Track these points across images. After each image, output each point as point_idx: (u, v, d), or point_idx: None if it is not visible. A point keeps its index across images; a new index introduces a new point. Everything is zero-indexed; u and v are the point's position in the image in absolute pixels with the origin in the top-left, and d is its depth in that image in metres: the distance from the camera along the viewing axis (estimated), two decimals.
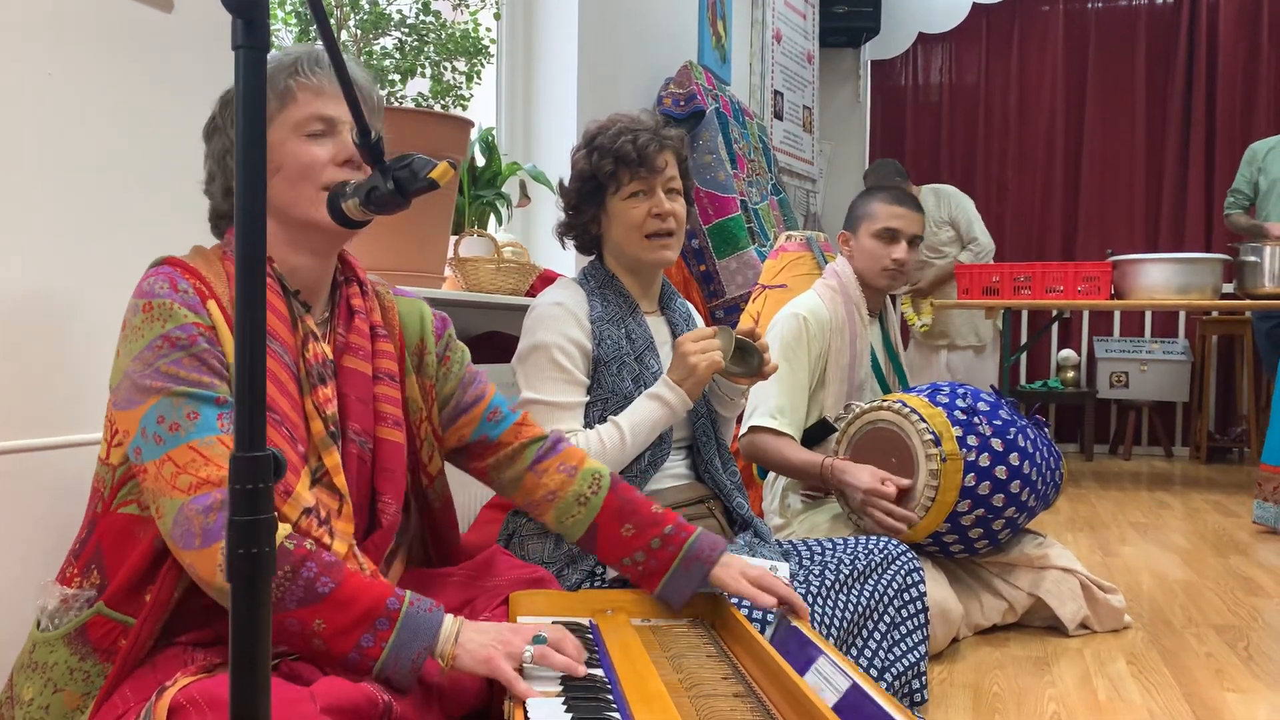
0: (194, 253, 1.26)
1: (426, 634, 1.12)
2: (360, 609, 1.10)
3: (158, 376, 1.13)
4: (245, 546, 0.71)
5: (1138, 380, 6.07)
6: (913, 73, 7.05)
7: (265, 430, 0.73)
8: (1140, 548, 3.51)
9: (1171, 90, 6.42)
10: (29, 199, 1.41)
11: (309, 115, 1.25)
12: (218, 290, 1.20)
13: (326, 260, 1.32)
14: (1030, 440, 2.32)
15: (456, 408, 1.47)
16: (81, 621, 1.15)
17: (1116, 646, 2.35)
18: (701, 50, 4.74)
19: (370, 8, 2.10)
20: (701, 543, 1.43)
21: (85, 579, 1.18)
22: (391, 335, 1.40)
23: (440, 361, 1.46)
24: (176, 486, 1.10)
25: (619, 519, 1.44)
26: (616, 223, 1.91)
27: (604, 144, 1.89)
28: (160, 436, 1.12)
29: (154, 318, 1.15)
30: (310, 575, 1.10)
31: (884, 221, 2.57)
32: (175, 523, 1.10)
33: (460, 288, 2.46)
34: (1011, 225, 6.70)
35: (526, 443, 1.49)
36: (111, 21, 1.53)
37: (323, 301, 1.34)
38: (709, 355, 1.82)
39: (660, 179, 1.89)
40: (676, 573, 1.41)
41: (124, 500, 1.18)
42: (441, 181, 1.03)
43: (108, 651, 1.14)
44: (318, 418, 1.25)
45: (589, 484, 1.46)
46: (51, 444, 1.44)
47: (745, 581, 1.39)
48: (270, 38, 0.73)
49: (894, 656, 1.80)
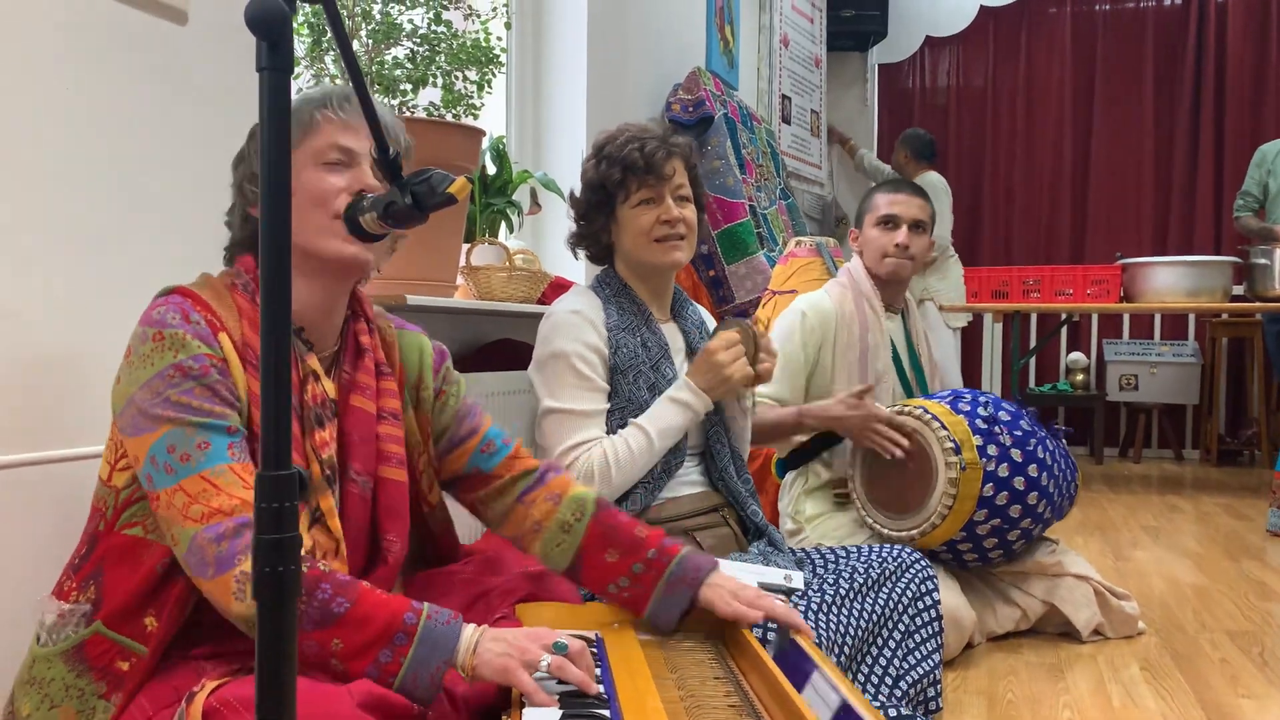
0: (203, 282, 1.26)
1: (445, 647, 1.11)
2: (377, 626, 1.10)
3: (169, 406, 1.13)
4: (272, 565, 0.72)
5: (1147, 383, 6.05)
6: (920, 76, 7.05)
7: (290, 449, 0.74)
8: (1152, 552, 3.50)
9: (1180, 92, 6.40)
10: (47, 211, 1.42)
11: (328, 144, 1.26)
12: (229, 324, 1.21)
13: (335, 295, 1.31)
14: (1049, 452, 2.32)
15: (450, 441, 1.46)
16: (80, 639, 1.16)
17: (1130, 652, 2.35)
18: (709, 56, 4.74)
19: (382, 18, 2.11)
20: (687, 565, 1.40)
21: (82, 594, 1.18)
22: (394, 371, 1.40)
23: (436, 396, 1.45)
24: (189, 516, 1.10)
25: (603, 545, 1.42)
26: (626, 230, 1.92)
27: (612, 153, 1.90)
28: (171, 466, 1.12)
29: (165, 347, 1.15)
30: (325, 596, 1.10)
31: (883, 209, 2.60)
32: (189, 551, 1.11)
33: (472, 296, 2.47)
34: (1020, 228, 6.69)
35: (518, 476, 1.48)
36: (127, 34, 1.54)
37: (331, 337, 1.34)
38: (741, 365, 1.83)
39: (668, 186, 1.90)
40: (660, 597, 1.39)
41: (129, 522, 1.18)
42: (459, 197, 1.03)
43: (103, 670, 1.15)
44: (315, 461, 1.25)
45: (572, 511, 1.44)
46: (58, 457, 1.44)
47: (737, 603, 1.36)
48: (294, 60, 0.74)
49: (908, 665, 1.80)
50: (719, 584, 1.40)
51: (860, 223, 2.67)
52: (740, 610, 1.36)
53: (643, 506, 1.85)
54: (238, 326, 1.21)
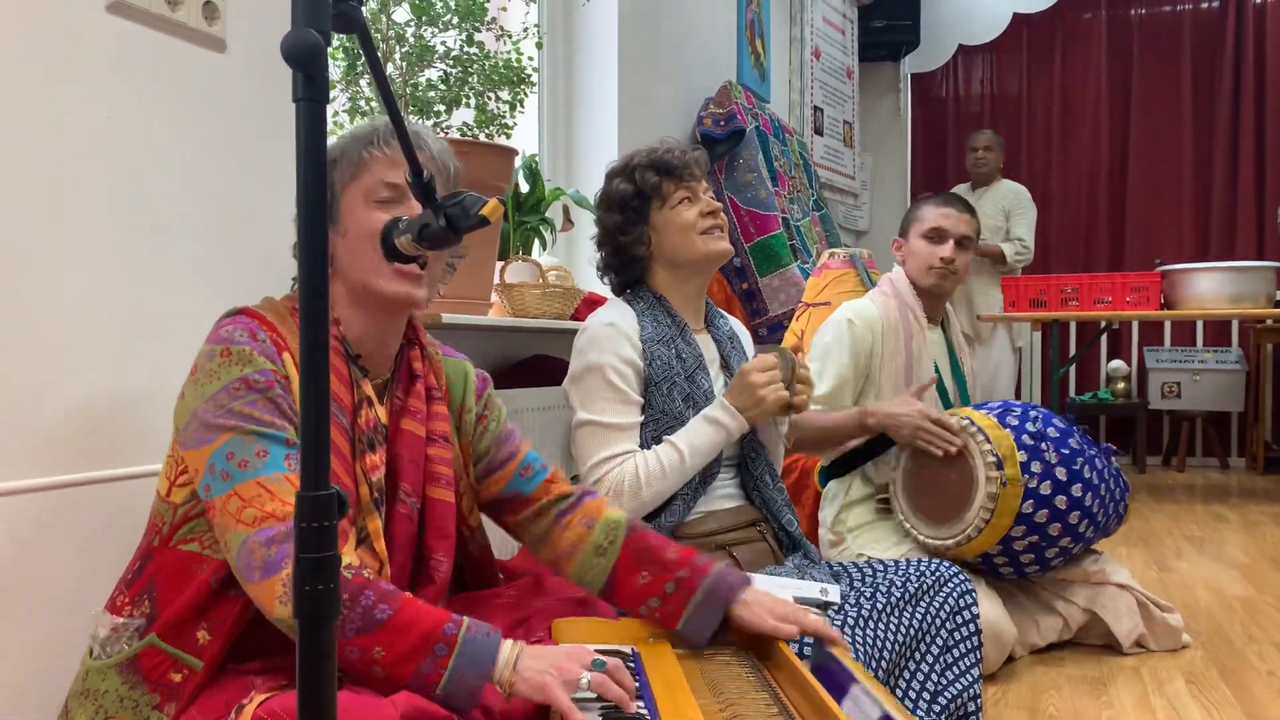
0: (266, 305, 1.31)
1: (485, 660, 1.13)
2: (418, 635, 1.12)
3: (230, 416, 1.17)
4: (311, 583, 0.73)
5: (1190, 390, 5.96)
6: (954, 85, 7.02)
7: (329, 469, 0.75)
8: (1197, 563, 3.45)
9: (1219, 96, 6.32)
10: (97, 240, 1.46)
11: (378, 182, 1.30)
12: (291, 345, 1.25)
13: (388, 327, 1.36)
14: (1097, 471, 2.30)
15: (490, 464, 1.50)
16: (135, 652, 1.19)
17: (1175, 665, 2.31)
18: (740, 69, 4.75)
19: (415, 41, 2.14)
20: (719, 583, 1.41)
21: (135, 608, 1.21)
22: (443, 396, 1.44)
23: (478, 420, 1.49)
24: (241, 520, 1.13)
25: (636, 567, 1.44)
26: (668, 230, 1.95)
27: (642, 163, 1.97)
28: (228, 473, 1.15)
29: (232, 362, 1.19)
30: (369, 603, 1.12)
31: (931, 222, 2.59)
32: (239, 555, 1.13)
33: (506, 313, 2.49)
34: (1057, 236, 6.63)
35: (555, 499, 1.51)
36: (167, 62, 1.58)
37: (386, 364, 1.38)
38: (776, 388, 1.85)
39: (700, 185, 1.98)
40: (691, 616, 1.40)
41: (185, 538, 1.21)
42: (492, 218, 1.05)
43: (156, 683, 1.18)
44: (365, 483, 1.28)
45: (606, 535, 1.47)
46: (110, 476, 1.48)
47: (771, 619, 1.37)
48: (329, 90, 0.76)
49: (947, 680, 1.78)
50: (752, 601, 1.40)
51: (906, 232, 2.66)
52: (775, 626, 1.36)
53: (680, 519, 1.86)
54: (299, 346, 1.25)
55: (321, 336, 0.75)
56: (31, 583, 1.37)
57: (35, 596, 1.38)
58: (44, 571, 1.39)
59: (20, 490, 1.36)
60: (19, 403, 1.36)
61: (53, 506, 1.40)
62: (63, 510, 1.41)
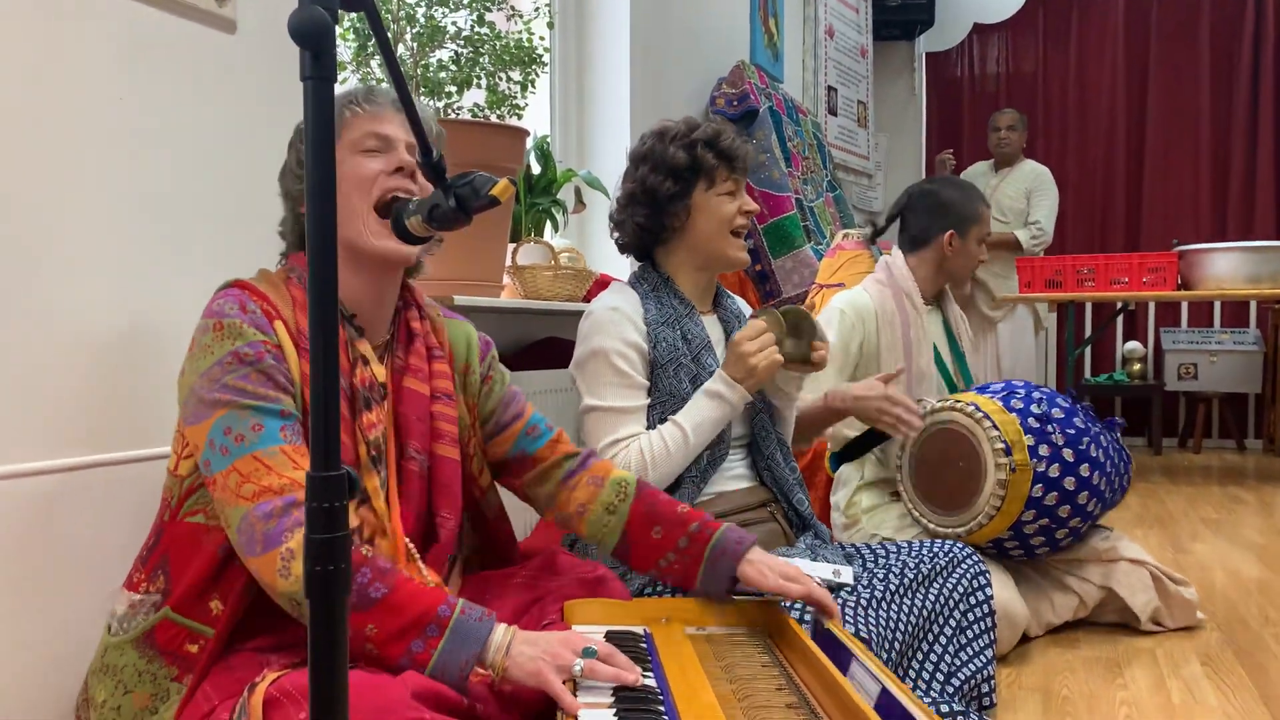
0: (260, 276, 1.32)
1: (475, 642, 1.14)
2: (412, 615, 1.13)
3: (225, 390, 1.18)
4: (322, 563, 0.73)
5: (1207, 371, 5.92)
6: (969, 64, 6.96)
7: (340, 450, 0.75)
8: (1213, 544, 3.43)
9: (1237, 75, 6.25)
10: (108, 220, 1.46)
11: (364, 133, 1.31)
12: (284, 312, 1.26)
13: (383, 287, 1.36)
14: (1102, 449, 2.28)
15: (496, 425, 1.51)
16: (150, 625, 1.20)
17: (1190, 647, 2.30)
18: (754, 49, 4.72)
19: (426, 21, 2.13)
20: (728, 538, 1.44)
21: (151, 584, 1.23)
22: (445, 354, 1.45)
23: (482, 381, 1.51)
24: (241, 495, 1.14)
25: (648, 523, 1.47)
26: (704, 217, 1.93)
27: (704, 138, 1.92)
28: (226, 448, 1.16)
29: (224, 336, 1.20)
30: (364, 580, 1.13)
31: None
32: (239, 530, 1.14)
33: (519, 295, 2.49)
34: (1073, 216, 6.57)
35: (560, 459, 1.52)
36: (176, 44, 1.57)
37: (383, 325, 1.39)
38: (768, 354, 1.82)
39: (744, 183, 1.98)
40: (706, 570, 1.43)
41: (191, 510, 1.23)
42: (502, 198, 1.05)
43: (173, 654, 1.19)
44: (362, 442, 1.29)
45: (616, 492, 1.49)
46: (125, 458, 1.48)
47: (775, 576, 1.40)
48: (337, 68, 0.75)
49: (960, 661, 1.78)
50: (758, 560, 1.43)
51: (965, 232, 2.60)
52: (779, 584, 1.39)
53: (691, 500, 1.85)
54: (292, 314, 1.27)
55: (330, 319, 0.75)
56: (50, 563, 1.38)
57: (55, 576, 1.38)
58: (63, 551, 1.40)
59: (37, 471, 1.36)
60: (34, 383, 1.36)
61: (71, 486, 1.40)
62: (76, 492, 1.42)
